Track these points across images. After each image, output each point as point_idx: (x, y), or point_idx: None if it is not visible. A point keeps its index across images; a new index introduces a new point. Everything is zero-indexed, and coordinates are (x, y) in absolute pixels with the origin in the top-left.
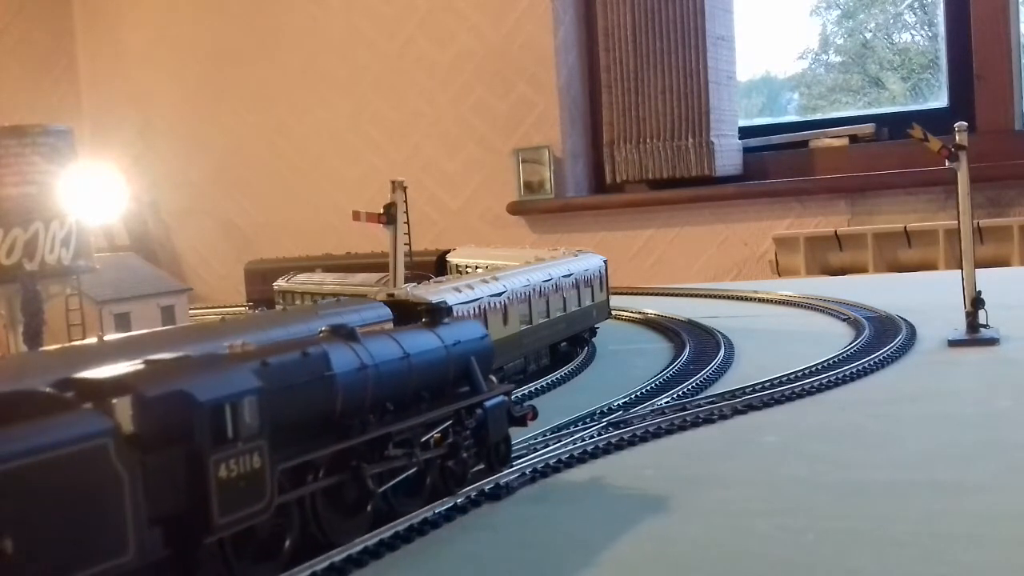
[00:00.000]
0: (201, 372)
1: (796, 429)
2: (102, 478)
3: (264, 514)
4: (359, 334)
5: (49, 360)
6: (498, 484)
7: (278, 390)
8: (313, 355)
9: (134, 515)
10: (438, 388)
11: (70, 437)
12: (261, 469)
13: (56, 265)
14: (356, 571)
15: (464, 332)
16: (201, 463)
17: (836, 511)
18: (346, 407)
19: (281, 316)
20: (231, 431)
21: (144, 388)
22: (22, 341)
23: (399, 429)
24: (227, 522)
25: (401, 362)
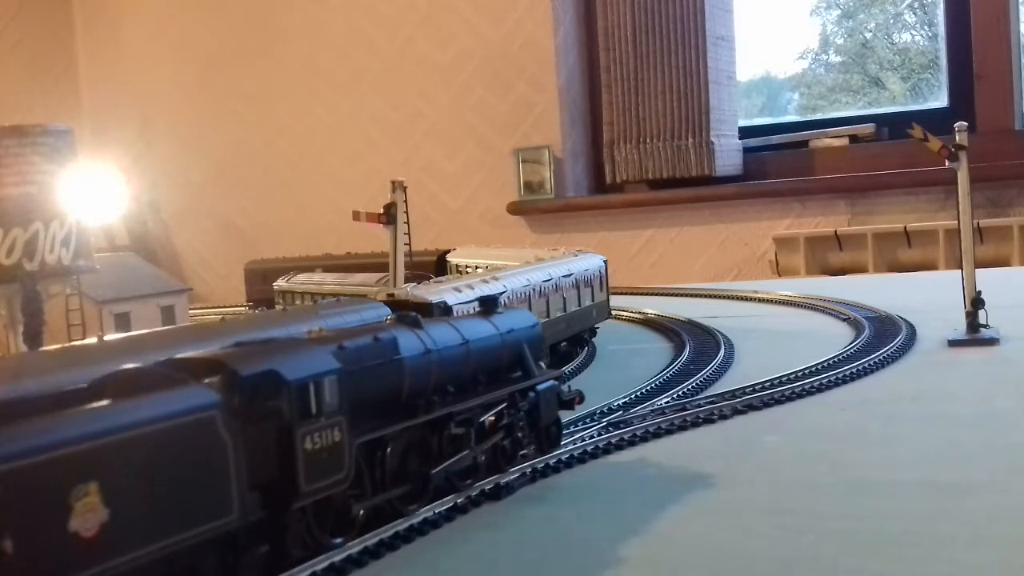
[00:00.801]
0: (287, 354)
1: (796, 429)
2: (210, 445)
3: (344, 484)
4: (423, 322)
5: (50, 360)
6: (498, 484)
7: (353, 371)
8: (383, 340)
9: (237, 480)
10: (493, 372)
11: (185, 408)
12: (341, 443)
13: (56, 265)
14: (356, 571)
15: (517, 320)
16: (290, 435)
17: (836, 511)
18: (412, 388)
19: (281, 316)
20: (315, 407)
21: (239, 367)
22: (22, 341)
23: (459, 409)
24: (312, 489)
25: (460, 347)
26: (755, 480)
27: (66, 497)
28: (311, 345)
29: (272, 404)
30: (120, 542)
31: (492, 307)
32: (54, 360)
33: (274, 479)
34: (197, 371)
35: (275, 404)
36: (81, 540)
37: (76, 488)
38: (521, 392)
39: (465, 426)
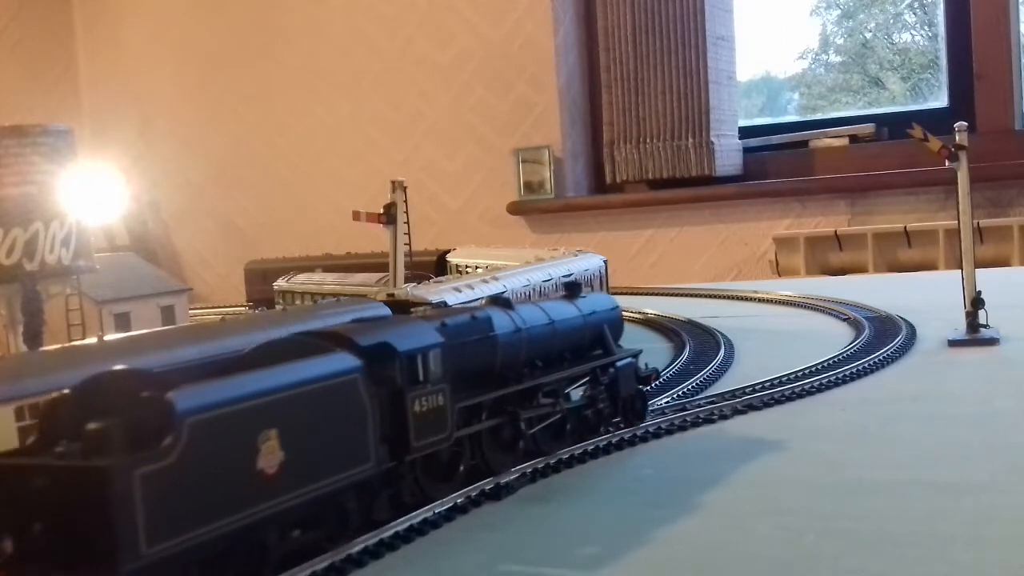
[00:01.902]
0: (399, 329)
1: (796, 429)
2: (354, 403)
3: (446, 442)
4: (514, 303)
5: (50, 360)
6: (498, 484)
7: (454, 345)
8: (480, 318)
9: (373, 434)
10: (577, 349)
11: (337, 371)
12: (444, 407)
13: (56, 265)
14: (356, 571)
15: (598, 303)
16: (402, 399)
17: (836, 511)
18: (504, 361)
19: (281, 316)
20: (422, 375)
21: (360, 339)
22: (22, 341)
23: (547, 381)
24: (420, 445)
25: (547, 327)
26: (755, 480)
27: (255, 439)
28: (419, 322)
29: (387, 372)
30: (293, 480)
31: (576, 291)
32: (55, 360)
33: (389, 435)
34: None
35: (389, 372)
36: (265, 476)
37: (262, 433)
38: (602, 368)
39: (552, 396)
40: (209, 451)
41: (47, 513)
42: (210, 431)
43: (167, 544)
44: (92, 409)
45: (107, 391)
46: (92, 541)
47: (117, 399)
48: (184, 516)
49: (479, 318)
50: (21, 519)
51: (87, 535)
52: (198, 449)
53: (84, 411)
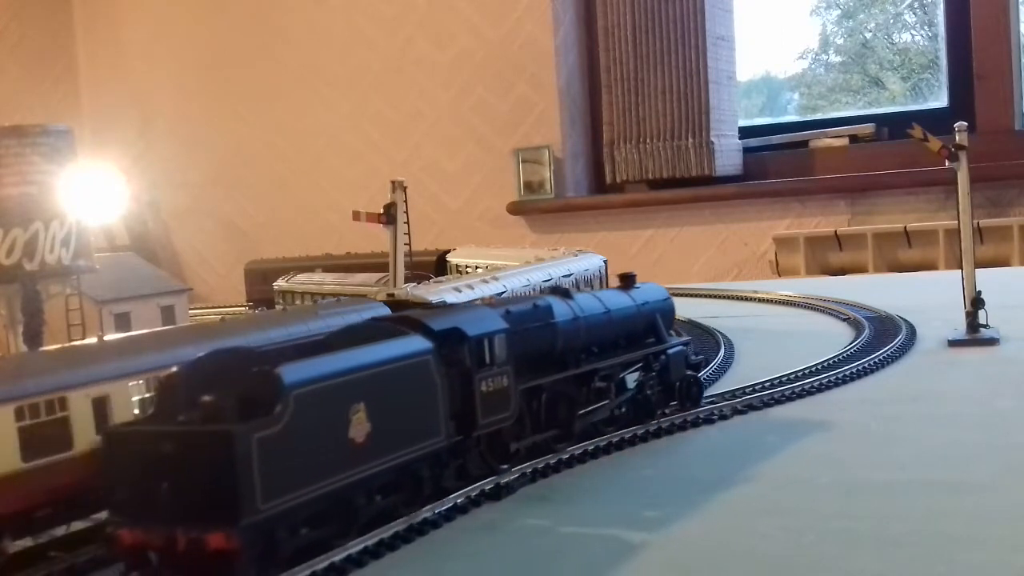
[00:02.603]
0: (468, 315)
1: (796, 429)
2: (427, 381)
3: (510, 420)
4: (573, 293)
5: (51, 359)
6: (498, 484)
7: (518, 331)
8: (541, 307)
9: (443, 410)
10: (631, 337)
11: (412, 351)
12: (508, 387)
13: (56, 265)
14: (356, 571)
15: (652, 294)
16: (469, 379)
17: (836, 511)
18: (563, 347)
19: (281, 316)
20: (488, 358)
21: (432, 324)
22: (22, 341)
23: (602, 366)
24: (486, 423)
25: (603, 315)
26: (755, 480)
27: (348, 412)
28: (486, 309)
29: (456, 354)
30: (377, 450)
31: (630, 282)
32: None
33: (458, 413)
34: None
35: (459, 354)
36: (356, 444)
37: (353, 406)
38: (654, 355)
39: (607, 381)
40: (310, 420)
41: (175, 473)
42: (311, 403)
43: (278, 501)
44: (205, 384)
45: (217, 368)
46: (217, 497)
47: (227, 375)
48: (291, 478)
49: (540, 306)
50: (150, 479)
51: (212, 492)
52: (302, 418)
53: (197, 386)
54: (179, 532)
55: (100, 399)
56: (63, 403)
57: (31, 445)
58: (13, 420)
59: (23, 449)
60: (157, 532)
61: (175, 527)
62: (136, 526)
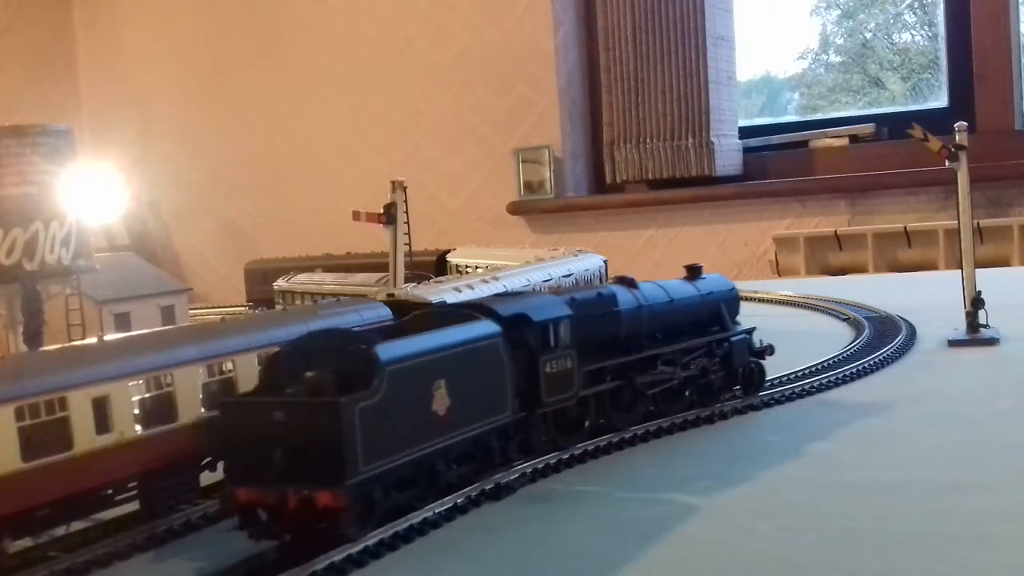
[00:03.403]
0: (534, 302)
1: (796, 429)
2: (496, 362)
3: (572, 400)
4: (637, 282)
5: (50, 359)
6: (498, 484)
7: (582, 317)
8: (605, 295)
9: (510, 388)
10: (694, 325)
11: (484, 334)
12: (571, 369)
13: (56, 265)
14: (356, 571)
15: (716, 284)
16: (535, 361)
17: (836, 511)
18: (627, 333)
19: (281, 316)
20: (553, 341)
21: (501, 310)
22: (22, 341)
23: (665, 352)
24: (550, 401)
25: (667, 304)
26: (755, 480)
27: (431, 387)
28: (552, 296)
29: (523, 338)
30: (456, 422)
31: (696, 273)
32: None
33: (524, 392)
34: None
35: (525, 338)
36: (437, 417)
37: (435, 381)
38: (717, 342)
39: (669, 365)
40: (401, 394)
41: (286, 439)
42: (402, 378)
43: (375, 465)
44: (305, 361)
45: (315, 348)
46: (325, 460)
47: (325, 353)
48: (385, 444)
49: (605, 295)
50: (263, 444)
51: (320, 456)
52: (394, 392)
53: (300, 363)
54: (290, 491)
55: (100, 399)
56: (63, 403)
57: (31, 445)
58: (13, 420)
59: (23, 449)
60: (269, 491)
61: (286, 487)
62: (250, 486)
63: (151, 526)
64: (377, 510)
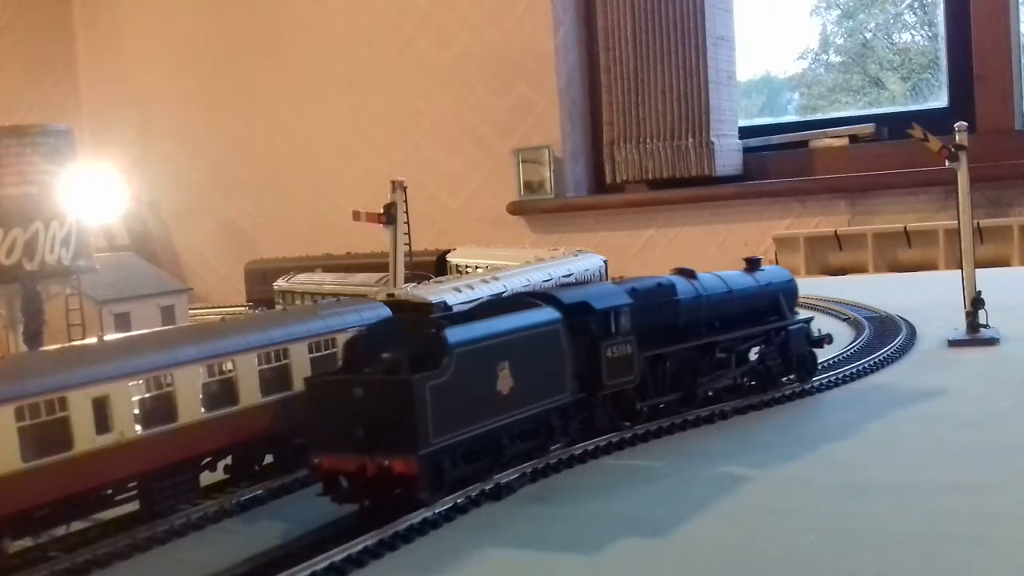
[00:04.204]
0: (596, 291)
1: (796, 429)
2: (557, 346)
3: (632, 383)
4: (697, 273)
5: (51, 359)
6: (498, 484)
7: (642, 306)
8: (665, 285)
9: (570, 371)
10: (752, 314)
11: (545, 320)
12: (631, 355)
13: (56, 265)
14: (356, 571)
15: (775, 275)
16: (597, 346)
17: (836, 511)
18: (686, 321)
19: (281, 316)
20: (613, 328)
21: (564, 298)
22: (22, 341)
23: (723, 339)
24: (611, 384)
25: (726, 294)
26: (755, 480)
27: (496, 368)
28: (613, 286)
29: (585, 324)
30: (519, 401)
31: (755, 265)
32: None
33: (587, 375)
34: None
35: (587, 324)
36: (501, 396)
37: (500, 363)
38: (775, 331)
39: (727, 352)
40: (468, 374)
41: (365, 413)
42: (469, 359)
43: (444, 437)
44: (381, 343)
45: (390, 331)
46: (399, 432)
47: (399, 336)
48: (453, 419)
49: (664, 285)
50: (344, 417)
51: (395, 428)
52: (462, 371)
53: (377, 344)
54: (368, 460)
55: (100, 399)
56: (63, 403)
57: (31, 445)
58: (13, 420)
59: (23, 449)
60: (350, 460)
61: (365, 456)
62: (332, 455)
63: (151, 526)
64: (447, 479)
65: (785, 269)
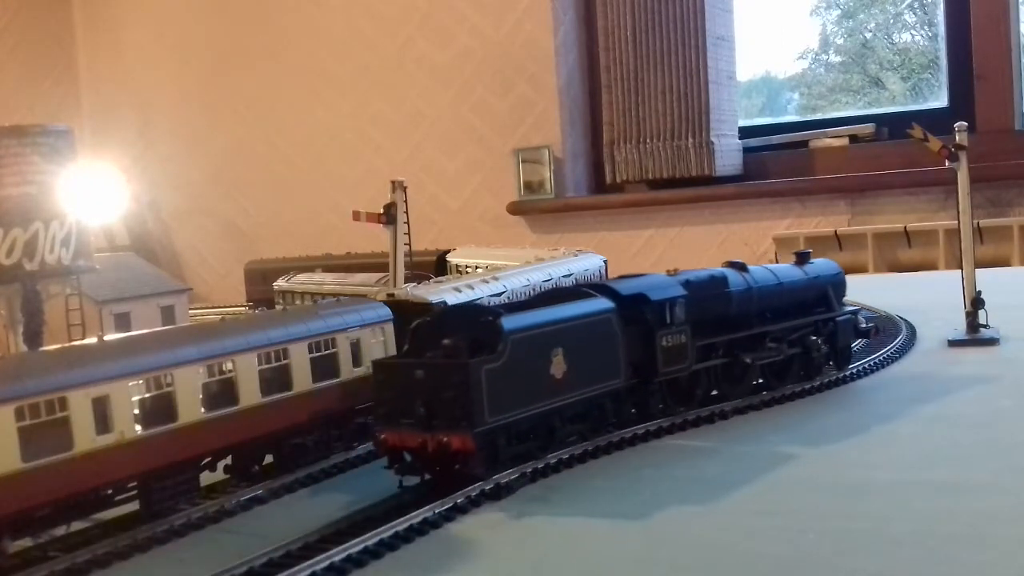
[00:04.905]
0: (652, 283)
1: (796, 429)
2: (610, 333)
3: (686, 371)
4: (748, 266)
5: (50, 359)
6: (498, 484)
7: (695, 297)
8: (717, 277)
9: (623, 357)
10: (802, 305)
11: (599, 310)
12: (685, 344)
13: (56, 265)
14: (356, 571)
15: (824, 268)
16: (652, 335)
17: (836, 511)
18: (737, 312)
19: (281, 316)
20: (669, 319)
21: (621, 289)
22: (22, 341)
23: (773, 329)
24: (666, 372)
25: (776, 286)
26: (755, 480)
27: (550, 354)
28: (668, 278)
29: (641, 314)
30: (572, 385)
31: (804, 258)
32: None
33: (643, 362)
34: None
35: (643, 314)
36: (555, 380)
37: (553, 349)
38: (823, 321)
39: (777, 342)
40: (523, 358)
41: (426, 394)
42: (524, 345)
43: (499, 417)
44: (442, 330)
45: (451, 319)
46: (457, 411)
47: (459, 324)
48: (508, 400)
49: (716, 277)
50: (408, 397)
51: (454, 407)
52: (516, 357)
53: (439, 331)
54: (429, 436)
55: (100, 399)
56: (63, 403)
57: (31, 445)
58: (13, 420)
59: (23, 449)
60: (412, 436)
61: (426, 432)
62: (396, 431)
63: (151, 526)
64: (502, 455)
65: (834, 262)
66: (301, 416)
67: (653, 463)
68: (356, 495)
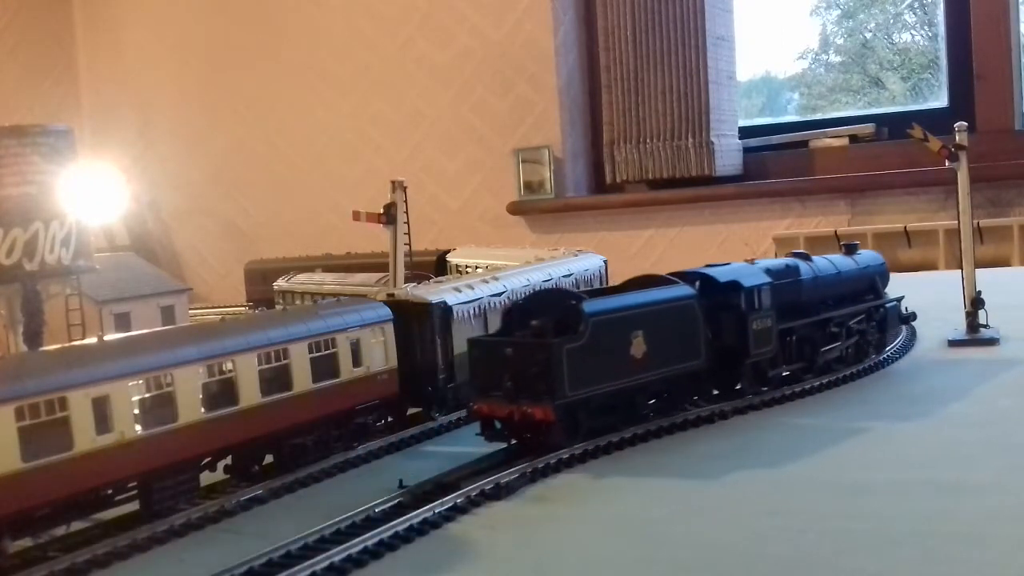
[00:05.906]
0: (743, 271)
1: (796, 429)
2: (691, 318)
3: (771, 353)
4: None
5: (50, 359)
6: (498, 484)
7: (777, 284)
8: (791, 266)
9: (702, 339)
10: (855, 293)
11: (681, 296)
12: (771, 328)
13: (56, 265)
14: (356, 571)
15: (871, 259)
16: (745, 320)
17: (836, 511)
18: (806, 298)
19: (281, 316)
20: (758, 304)
21: (717, 277)
22: (22, 341)
23: (836, 315)
24: (756, 353)
25: (835, 275)
26: (755, 480)
27: (630, 336)
28: (753, 267)
29: (735, 300)
30: (652, 365)
31: (853, 249)
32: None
33: (735, 345)
34: (686, 279)
35: (736, 300)
36: (635, 360)
37: (633, 332)
38: (874, 308)
39: (839, 327)
40: (603, 339)
41: (514, 369)
42: (604, 327)
43: (579, 392)
44: (531, 312)
45: (540, 302)
46: (541, 385)
47: (547, 306)
48: (588, 377)
49: (791, 266)
50: (498, 372)
51: (538, 381)
52: (596, 337)
53: (529, 312)
54: (515, 408)
55: (100, 399)
56: (63, 403)
57: (31, 445)
58: (13, 420)
59: (23, 449)
60: (501, 406)
61: (513, 404)
62: (488, 401)
63: (151, 526)
64: (581, 427)
65: (878, 254)
66: (301, 416)
67: (654, 463)
68: (356, 495)
